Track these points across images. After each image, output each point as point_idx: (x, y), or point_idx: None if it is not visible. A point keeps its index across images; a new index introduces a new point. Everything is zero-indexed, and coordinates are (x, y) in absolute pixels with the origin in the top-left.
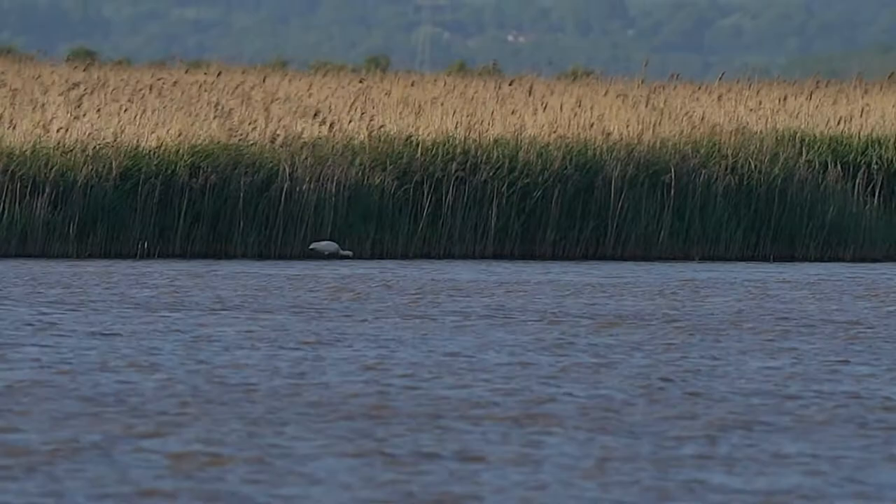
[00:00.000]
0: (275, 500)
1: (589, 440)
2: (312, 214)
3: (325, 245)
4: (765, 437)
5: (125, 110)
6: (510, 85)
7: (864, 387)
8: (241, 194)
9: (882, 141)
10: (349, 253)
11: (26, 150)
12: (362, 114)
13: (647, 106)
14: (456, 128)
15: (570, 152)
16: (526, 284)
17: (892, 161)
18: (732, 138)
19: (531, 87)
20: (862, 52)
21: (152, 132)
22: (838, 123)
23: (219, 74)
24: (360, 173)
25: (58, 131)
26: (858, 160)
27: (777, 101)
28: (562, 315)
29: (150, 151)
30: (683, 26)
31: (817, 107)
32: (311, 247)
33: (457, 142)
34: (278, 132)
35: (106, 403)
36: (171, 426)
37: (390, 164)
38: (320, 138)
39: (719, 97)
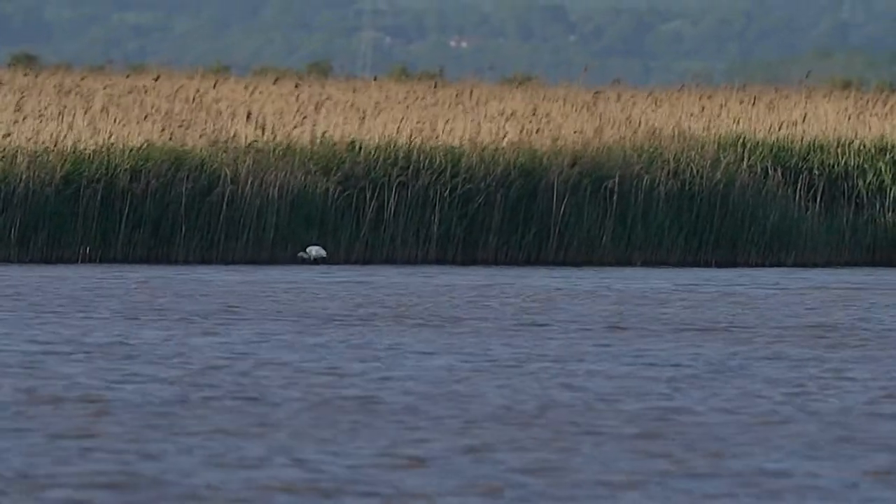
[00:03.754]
0: None
1: None
2: (255, 219)
3: (317, 250)
4: None
5: (64, 115)
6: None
7: None
8: (183, 199)
9: (824, 146)
10: (323, 254)
11: None
12: (304, 119)
13: (588, 111)
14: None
15: (513, 157)
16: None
17: (833, 166)
18: (674, 143)
19: (478, 95)
20: (802, 58)
21: (91, 136)
22: (780, 128)
23: (157, 78)
24: (302, 178)
25: (5, 137)
26: (800, 165)
27: (719, 107)
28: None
29: (90, 155)
30: (624, 32)
31: (759, 112)
32: (300, 254)
33: (399, 147)
34: (218, 137)
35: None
36: None
37: (333, 170)
38: (260, 143)
39: (661, 102)
